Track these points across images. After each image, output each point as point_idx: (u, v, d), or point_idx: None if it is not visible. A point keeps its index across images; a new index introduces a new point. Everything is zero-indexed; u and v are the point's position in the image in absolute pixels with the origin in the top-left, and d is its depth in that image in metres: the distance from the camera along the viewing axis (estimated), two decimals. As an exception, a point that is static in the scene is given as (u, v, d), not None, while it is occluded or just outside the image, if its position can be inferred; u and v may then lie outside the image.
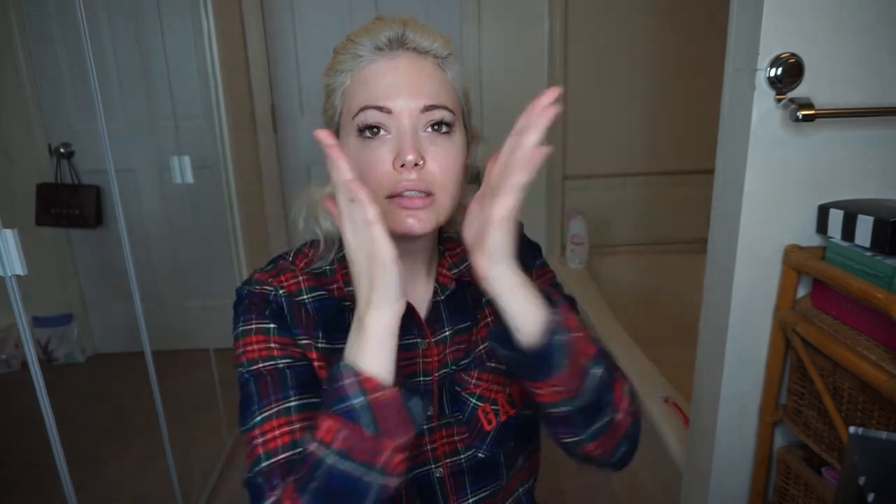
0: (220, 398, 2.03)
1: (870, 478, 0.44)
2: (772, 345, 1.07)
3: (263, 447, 0.59)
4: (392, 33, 0.63)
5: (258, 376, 0.62)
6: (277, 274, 0.68)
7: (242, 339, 0.64)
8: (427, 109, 0.61)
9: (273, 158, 2.76)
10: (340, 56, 0.65)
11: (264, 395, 0.61)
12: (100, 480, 1.90)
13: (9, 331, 2.51)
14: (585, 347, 0.59)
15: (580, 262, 2.51)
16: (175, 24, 2.09)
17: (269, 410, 0.61)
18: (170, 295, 2.60)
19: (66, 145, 2.44)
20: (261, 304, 0.65)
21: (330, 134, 0.55)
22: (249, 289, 0.66)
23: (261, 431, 0.60)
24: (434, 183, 0.61)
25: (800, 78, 0.94)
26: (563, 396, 0.58)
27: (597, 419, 0.62)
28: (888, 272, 0.85)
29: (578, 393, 0.59)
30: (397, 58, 0.63)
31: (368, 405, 0.52)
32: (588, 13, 2.44)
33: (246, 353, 0.63)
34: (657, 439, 1.47)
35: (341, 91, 0.64)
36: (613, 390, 0.62)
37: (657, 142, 2.60)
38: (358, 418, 0.52)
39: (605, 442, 0.64)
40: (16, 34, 2.35)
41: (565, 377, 0.57)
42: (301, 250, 0.71)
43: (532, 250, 0.78)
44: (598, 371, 0.59)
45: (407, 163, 0.59)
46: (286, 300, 0.66)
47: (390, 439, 0.53)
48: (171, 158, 1.90)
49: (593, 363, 0.59)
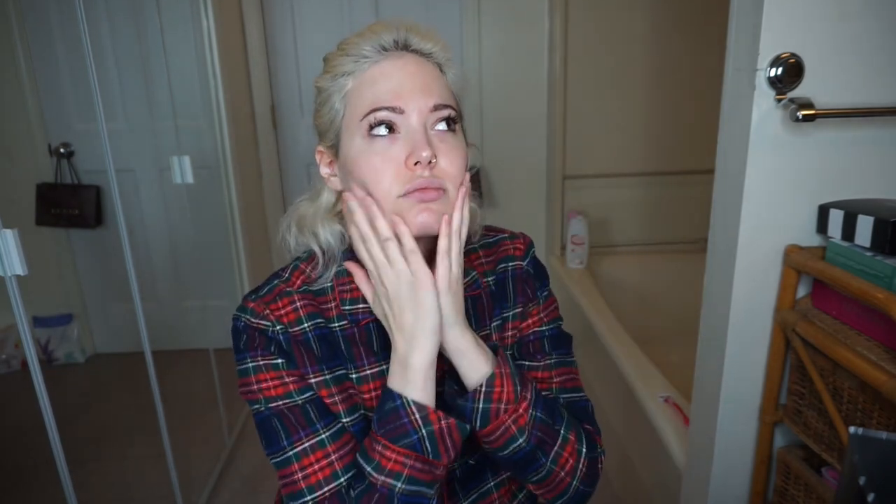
0: (220, 398, 2.03)
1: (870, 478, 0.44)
2: (772, 345, 1.07)
3: (305, 482, 0.62)
4: (396, 35, 0.63)
5: (281, 414, 0.64)
6: (274, 299, 0.67)
7: (254, 375, 0.64)
8: (436, 108, 0.62)
9: (273, 158, 2.76)
10: (340, 59, 0.64)
11: (293, 431, 0.63)
12: (100, 480, 1.90)
13: (9, 331, 2.51)
14: (512, 416, 0.63)
15: (580, 262, 2.51)
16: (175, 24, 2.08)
17: (302, 444, 0.63)
18: (170, 295, 2.60)
19: (66, 145, 2.44)
20: (262, 339, 0.65)
21: (361, 195, 0.62)
22: (246, 320, 0.65)
23: (299, 466, 0.62)
24: (446, 178, 0.62)
25: (800, 78, 0.94)
26: (490, 446, 0.64)
27: (528, 472, 0.66)
28: (888, 272, 0.85)
29: (503, 450, 0.64)
30: (404, 58, 0.63)
31: (432, 436, 0.59)
32: (588, 13, 2.44)
33: (262, 392, 0.64)
34: (657, 439, 1.47)
35: (342, 94, 0.64)
36: (553, 449, 0.65)
37: (657, 142, 2.60)
38: (423, 449, 0.59)
39: (544, 489, 0.67)
40: (16, 34, 2.35)
41: (485, 434, 0.63)
42: (298, 266, 0.70)
43: (539, 277, 0.78)
44: (521, 440, 0.63)
45: (422, 160, 0.60)
46: (284, 337, 0.65)
47: (447, 457, 0.61)
48: (171, 158, 1.90)
49: (518, 433, 0.63)
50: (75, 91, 2.43)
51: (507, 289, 0.75)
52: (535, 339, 0.74)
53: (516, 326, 0.74)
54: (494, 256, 0.76)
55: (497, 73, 2.60)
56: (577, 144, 2.59)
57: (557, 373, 0.74)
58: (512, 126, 2.66)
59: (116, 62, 2.37)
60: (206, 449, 1.98)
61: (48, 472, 1.11)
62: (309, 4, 2.60)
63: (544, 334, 0.75)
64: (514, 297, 0.74)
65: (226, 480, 1.91)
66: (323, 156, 0.69)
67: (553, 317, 0.77)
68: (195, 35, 2.09)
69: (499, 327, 0.74)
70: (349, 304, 0.68)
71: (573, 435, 0.67)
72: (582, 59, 2.49)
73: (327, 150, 0.68)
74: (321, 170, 0.69)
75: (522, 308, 0.75)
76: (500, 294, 0.74)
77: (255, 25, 2.58)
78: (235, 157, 2.29)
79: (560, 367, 0.75)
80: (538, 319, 0.75)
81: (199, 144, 2.17)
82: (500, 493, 0.76)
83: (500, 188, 2.73)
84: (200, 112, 2.19)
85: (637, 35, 2.47)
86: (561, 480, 0.66)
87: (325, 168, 0.69)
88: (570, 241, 2.51)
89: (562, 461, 0.66)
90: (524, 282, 0.75)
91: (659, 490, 1.53)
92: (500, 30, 2.58)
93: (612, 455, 1.86)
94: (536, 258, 0.79)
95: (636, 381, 1.64)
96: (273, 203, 2.79)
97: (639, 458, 1.67)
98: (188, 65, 2.12)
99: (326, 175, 0.69)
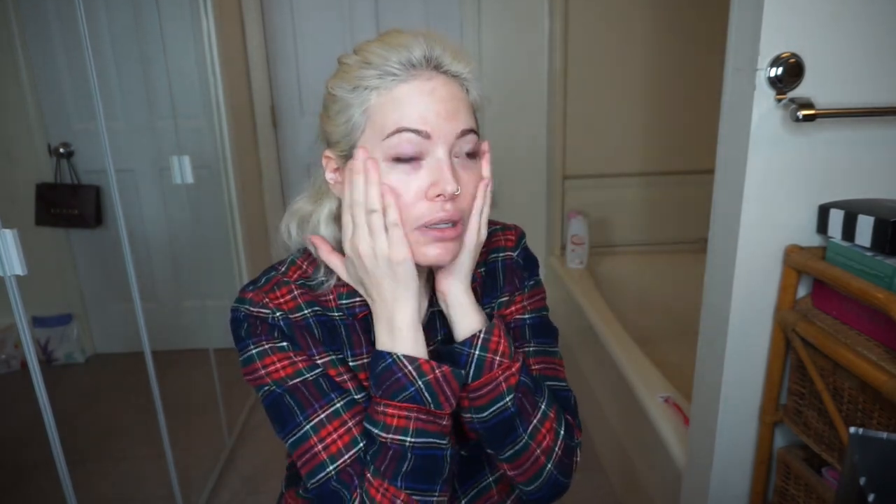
0: (220, 398, 2.03)
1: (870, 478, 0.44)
2: (772, 345, 1.07)
3: (326, 452, 0.61)
4: (427, 52, 0.60)
5: (293, 391, 0.63)
6: (271, 289, 0.66)
7: (260, 360, 0.64)
8: (462, 135, 0.61)
9: (273, 158, 2.76)
10: (362, 70, 0.61)
11: (307, 405, 0.62)
12: (100, 480, 1.90)
13: (9, 331, 2.51)
14: (506, 374, 0.64)
15: (580, 262, 2.51)
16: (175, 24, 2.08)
17: (318, 416, 0.62)
18: (170, 295, 2.60)
19: (66, 145, 2.44)
20: (265, 326, 0.64)
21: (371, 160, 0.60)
22: (245, 310, 0.65)
23: (318, 438, 0.62)
24: (464, 211, 0.63)
25: (800, 78, 0.94)
26: (470, 405, 0.65)
27: (505, 443, 0.66)
28: (888, 272, 0.85)
29: (485, 410, 0.64)
30: (433, 79, 0.61)
31: (430, 386, 0.60)
32: (588, 13, 2.44)
33: (271, 374, 0.63)
34: (657, 439, 1.47)
35: (363, 108, 0.61)
36: (531, 422, 0.66)
37: (657, 142, 2.60)
38: (424, 399, 0.60)
39: (518, 467, 0.67)
40: (16, 34, 2.35)
41: (474, 388, 0.64)
42: (294, 262, 0.70)
43: (528, 267, 0.78)
44: (508, 399, 0.64)
45: (446, 194, 0.59)
46: (285, 322, 0.65)
47: (449, 405, 0.61)
48: (171, 158, 1.90)
49: (507, 391, 0.64)
50: (75, 91, 2.43)
51: (497, 279, 0.75)
52: (516, 326, 0.75)
53: (500, 314, 0.74)
54: (486, 248, 0.76)
55: (497, 74, 2.60)
56: (577, 144, 2.59)
57: (536, 360, 0.73)
58: (512, 126, 2.66)
59: (116, 62, 2.37)
60: (206, 449, 1.98)
61: (48, 472, 1.11)
62: (309, 4, 2.60)
63: (525, 322, 0.75)
64: (502, 287, 0.75)
65: (226, 480, 1.91)
66: (330, 161, 0.67)
67: (537, 306, 0.77)
68: (195, 35, 2.09)
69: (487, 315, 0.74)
70: (346, 297, 0.67)
71: (553, 413, 0.68)
72: (582, 59, 2.49)
73: (336, 158, 0.66)
74: (327, 175, 0.68)
75: (509, 297, 0.75)
76: (490, 284, 0.75)
77: (255, 25, 2.58)
78: (235, 157, 2.30)
79: (540, 355, 0.74)
80: (521, 307, 0.75)
81: (199, 144, 2.17)
82: (499, 489, 0.76)
83: (500, 188, 2.72)
84: (200, 112, 2.19)
85: (637, 35, 2.47)
86: (536, 459, 0.66)
87: (331, 174, 0.67)
88: (570, 241, 2.51)
89: (539, 437, 0.66)
90: (513, 272, 0.76)
91: (659, 490, 1.53)
92: (500, 30, 2.58)
93: (613, 455, 1.86)
94: (528, 249, 0.79)
95: (636, 381, 1.64)
96: (273, 203, 2.79)
97: (639, 458, 1.67)
98: (188, 64, 2.12)
99: (332, 181, 0.68)
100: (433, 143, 0.60)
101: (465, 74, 0.64)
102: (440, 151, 0.60)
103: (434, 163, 0.60)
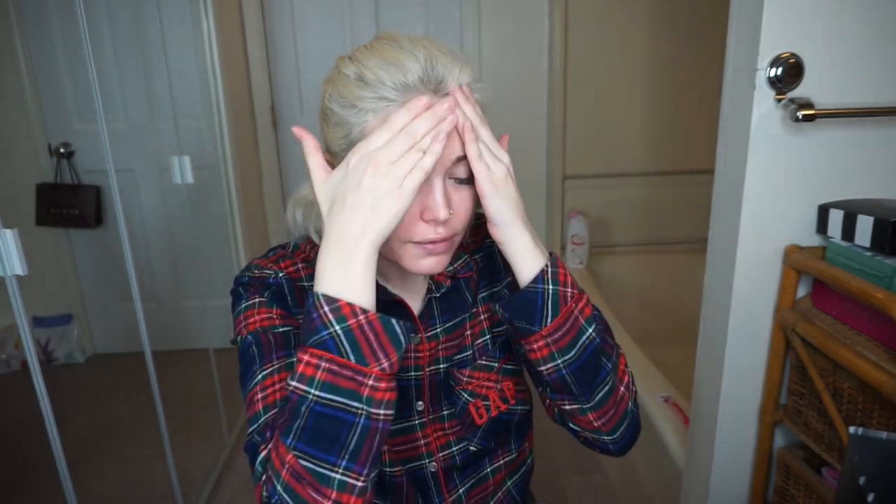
0: (220, 398, 2.03)
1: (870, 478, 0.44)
2: (772, 345, 1.07)
3: (262, 402, 0.59)
4: (424, 73, 0.56)
5: (259, 340, 0.63)
6: (277, 260, 0.69)
7: (243, 314, 0.65)
8: (458, 161, 0.59)
9: (273, 158, 2.76)
10: (359, 91, 0.57)
11: (266, 354, 0.62)
12: (100, 480, 1.90)
13: (9, 331, 2.51)
14: (580, 305, 0.61)
15: (580, 262, 2.51)
16: (175, 24, 2.08)
17: (271, 367, 0.61)
18: (170, 295, 2.60)
19: (66, 145, 2.44)
20: (260, 286, 0.66)
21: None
22: (249, 275, 0.67)
23: (261, 388, 0.59)
24: (457, 230, 0.61)
25: (800, 78, 0.94)
26: (554, 349, 0.60)
27: (595, 384, 0.63)
28: (888, 272, 0.85)
29: (571, 349, 0.60)
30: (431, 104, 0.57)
31: (349, 330, 0.50)
32: (588, 13, 2.44)
33: (248, 325, 0.64)
34: (657, 439, 1.47)
35: (360, 128, 0.58)
36: (612, 357, 0.64)
37: (657, 142, 2.60)
38: (339, 346, 0.50)
39: (606, 413, 0.64)
40: (16, 34, 2.35)
41: (554, 327, 0.59)
42: (298, 246, 0.72)
43: None
44: (591, 330, 0.61)
45: (438, 219, 0.58)
46: (287, 282, 0.67)
47: (374, 362, 0.51)
48: (171, 158, 1.90)
49: (587, 323, 0.61)
50: (75, 91, 2.43)
51: (495, 262, 0.75)
52: None
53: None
54: (479, 235, 0.76)
55: (497, 73, 2.60)
56: (577, 144, 2.59)
57: None
58: (512, 126, 2.66)
59: (116, 62, 2.37)
60: (206, 449, 1.98)
61: (48, 472, 1.11)
62: (309, 5, 2.60)
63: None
64: (503, 270, 0.75)
65: (226, 480, 1.91)
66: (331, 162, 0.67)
67: None
68: (195, 35, 2.09)
69: (485, 299, 0.74)
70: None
71: (622, 352, 0.67)
72: (582, 59, 2.49)
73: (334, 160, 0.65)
74: None
75: (512, 278, 0.73)
76: (487, 269, 0.75)
77: (255, 25, 2.58)
78: (235, 157, 2.30)
79: None
80: None
81: (199, 144, 2.17)
82: (496, 480, 0.76)
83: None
84: (200, 112, 2.19)
85: (637, 35, 2.47)
86: (622, 398, 0.64)
87: None
88: (570, 241, 2.51)
89: (620, 372, 0.65)
90: None
91: (659, 490, 1.53)
92: (500, 29, 2.58)
93: (612, 455, 1.86)
94: None
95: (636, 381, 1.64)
96: (273, 203, 2.79)
97: (639, 458, 1.66)
98: (188, 65, 2.12)
99: None
100: None
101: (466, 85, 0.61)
102: (434, 177, 0.58)
103: (427, 187, 0.58)
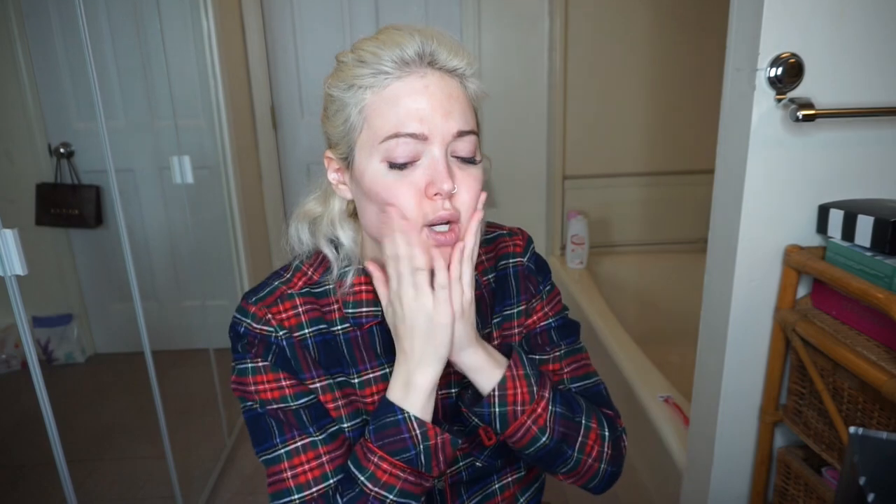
0: (220, 398, 2.03)
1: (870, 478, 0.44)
2: (772, 345, 1.07)
3: (294, 481, 0.62)
4: (420, 48, 0.59)
5: (274, 415, 0.64)
6: (275, 301, 0.66)
7: (252, 375, 0.65)
8: (459, 135, 0.60)
9: (273, 158, 2.76)
10: (356, 69, 0.60)
11: (286, 430, 0.64)
12: (100, 480, 1.90)
13: (9, 331, 2.51)
14: (532, 417, 0.63)
15: (580, 262, 2.51)
16: (175, 24, 2.08)
17: (294, 444, 0.63)
18: (170, 295, 2.60)
19: (66, 145, 2.44)
20: (262, 347, 0.65)
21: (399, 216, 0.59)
22: (247, 326, 0.65)
23: (289, 465, 0.63)
24: (462, 210, 0.61)
25: (800, 78, 0.94)
26: (515, 446, 0.65)
27: (555, 466, 0.67)
28: (888, 272, 0.85)
29: (527, 448, 0.64)
30: (427, 76, 0.59)
31: (428, 448, 0.60)
32: (588, 13, 2.44)
33: (259, 393, 0.64)
34: (657, 439, 1.47)
35: (359, 108, 0.60)
36: (578, 440, 0.66)
37: (657, 142, 2.60)
38: (419, 463, 0.60)
39: (575, 478, 0.69)
40: (16, 34, 2.35)
41: (507, 437, 0.64)
42: (300, 268, 0.69)
43: (541, 272, 0.77)
44: (544, 438, 0.64)
45: (443, 192, 0.59)
46: (287, 343, 0.65)
47: (438, 470, 0.61)
48: (171, 158, 1.90)
49: (540, 432, 0.64)
50: (75, 91, 2.43)
51: (509, 286, 0.74)
52: (543, 331, 0.75)
53: (522, 323, 0.74)
54: (494, 253, 0.76)
55: (497, 73, 2.60)
56: (577, 144, 2.59)
57: (567, 362, 0.74)
58: (512, 126, 2.66)
59: (116, 62, 2.37)
60: (206, 449, 1.98)
61: (48, 472, 1.11)
62: (309, 4, 2.60)
63: (550, 326, 0.75)
64: (517, 295, 0.74)
65: (226, 480, 1.91)
66: (332, 162, 0.66)
67: (557, 309, 0.77)
68: (195, 35, 2.09)
69: (499, 324, 0.74)
70: (352, 307, 0.67)
71: (594, 422, 0.68)
72: (582, 59, 2.49)
73: (337, 159, 0.65)
74: (329, 175, 0.67)
75: (526, 305, 0.75)
76: (501, 292, 0.74)
77: (255, 25, 2.58)
78: (235, 157, 2.30)
79: (570, 356, 0.75)
80: (543, 314, 0.75)
81: (199, 144, 2.17)
82: (505, 496, 0.76)
83: (500, 188, 2.73)
84: (200, 112, 2.19)
85: (637, 35, 2.47)
86: (589, 467, 0.68)
87: (334, 174, 0.67)
88: (570, 241, 2.51)
89: (587, 449, 0.67)
90: (526, 278, 0.75)
91: (659, 490, 1.53)
92: (500, 30, 2.58)
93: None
94: (536, 253, 0.78)
95: (636, 381, 1.64)
96: (273, 203, 2.79)
97: (639, 458, 1.66)
98: (188, 65, 2.12)
99: (335, 181, 0.67)
100: (429, 142, 0.59)
101: (462, 69, 0.62)
102: (436, 150, 0.59)
103: (430, 162, 0.59)
